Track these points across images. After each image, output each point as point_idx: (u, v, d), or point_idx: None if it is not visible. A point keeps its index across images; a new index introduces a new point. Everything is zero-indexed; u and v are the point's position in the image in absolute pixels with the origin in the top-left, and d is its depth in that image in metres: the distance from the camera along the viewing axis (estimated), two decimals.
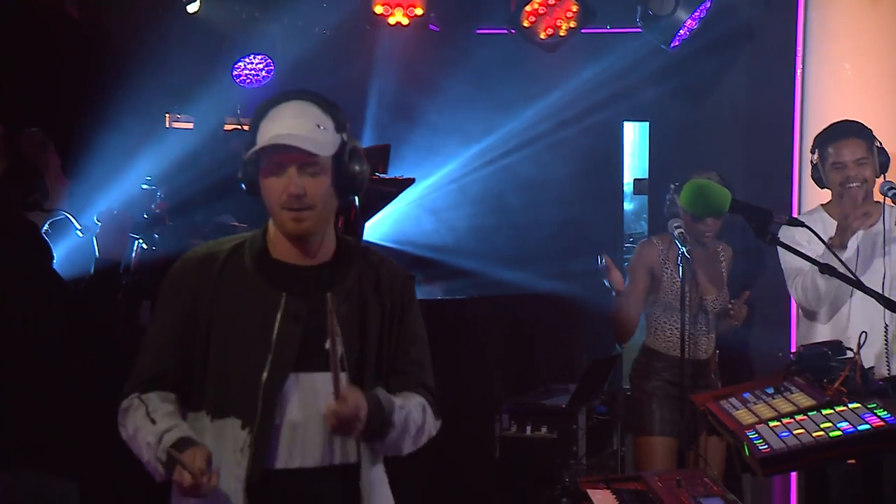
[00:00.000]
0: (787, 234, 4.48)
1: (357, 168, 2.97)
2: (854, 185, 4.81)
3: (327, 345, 2.78)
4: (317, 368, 2.90)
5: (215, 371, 2.92)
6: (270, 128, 2.89)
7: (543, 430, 6.26)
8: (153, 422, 2.84)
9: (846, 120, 5.00)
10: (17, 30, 5.30)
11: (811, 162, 5.06)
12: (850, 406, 3.17)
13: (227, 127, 6.13)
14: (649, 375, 5.34)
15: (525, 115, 7.56)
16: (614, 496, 3.60)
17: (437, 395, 3.16)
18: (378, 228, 7.09)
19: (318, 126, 2.90)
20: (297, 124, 2.87)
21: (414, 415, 3.01)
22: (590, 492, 3.66)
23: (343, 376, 2.79)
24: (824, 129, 5.03)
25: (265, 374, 2.86)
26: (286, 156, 2.85)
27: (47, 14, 5.19)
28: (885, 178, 4.84)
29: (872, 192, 4.84)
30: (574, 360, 6.56)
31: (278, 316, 2.90)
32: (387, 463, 3.29)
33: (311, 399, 2.90)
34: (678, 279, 5.16)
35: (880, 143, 4.92)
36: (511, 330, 7.00)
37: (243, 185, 2.99)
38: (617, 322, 5.41)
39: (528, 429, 6.33)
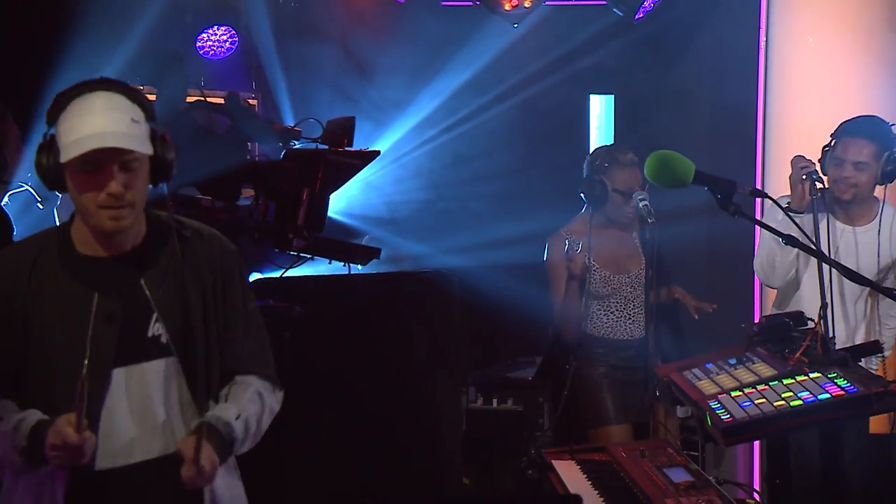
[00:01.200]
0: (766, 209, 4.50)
1: (170, 156, 2.90)
2: (843, 185, 4.82)
3: (158, 333, 2.84)
4: (141, 359, 2.85)
5: (38, 375, 2.84)
6: (81, 125, 2.73)
7: (509, 402, 6.27)
8: (1, 417, 2.78)
9: (873, 118, 4.94)
10: None
11: (823, 149, 5.01)
12: (811, 376, 3.20)
13: (190, 99, 6.08)
14: (594, 363, 5.35)
15: (491, 88, 7.56)
16: (579, 467, 3.62)
17: (271, 364, 3.09)
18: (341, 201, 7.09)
19: (132, 120, 2.78)
20: (112, 120, 2.75)
21: (252, 413, 2.96)
22: (555, 463, 3.68)
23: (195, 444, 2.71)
24: (850, 119, 4.95)
25: (84, 371, 2.73)
26: (105, 155, 2.72)
27: None
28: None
29: (866, 196, 4.85)
30: (539, 333, 6.54)
31: (91, 318, 2.82)
32: (351, 436, 3.30)
33: (139, 390, 2.86)
34: (600, 268, 5.19)
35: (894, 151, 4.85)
36: (476, 303, 7.00)
37: (39, 177, 2.84)
38: (564, 326, 5.41)
39: (495, 401, 6.34)
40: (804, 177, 4.77)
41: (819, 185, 4.73)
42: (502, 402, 6.32)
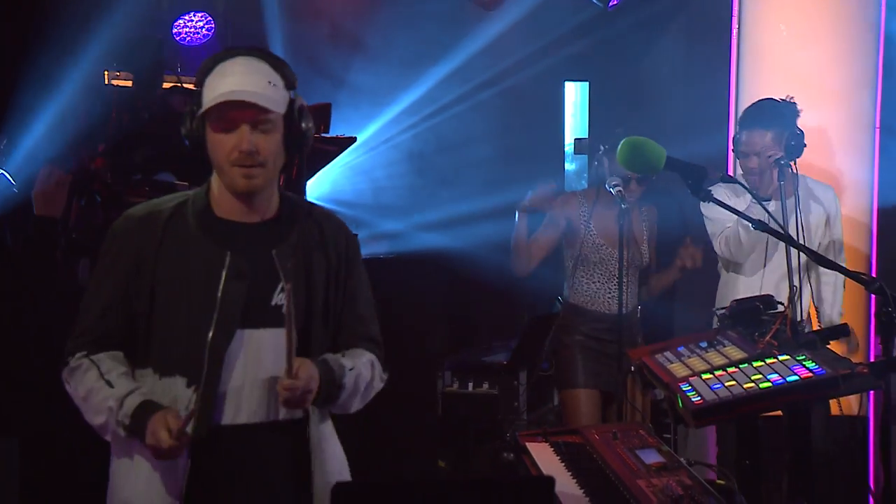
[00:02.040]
0: (719, 190, 4.53)
1: (305, 125, 2.96)
2: (753, 177, 4.89)
3: (281, 303, 2.85)
4: (262, 325, 2.91)
5: (161, 329, 2.90)
6: (221, 83, 2.83)
7: (485, 386, 6.30)
8: (109, 384, 2.83)
9: (764, 105, 5.04)
10: None
11: (734, 136, 5.10)
12: (780, 358, 3.22)
13: (166, 85, 6.07)
14: (571, 330, 5.41)
15: (468, 75, 7.55)
16: (552, 449, 3.60)
17: (383, 348, 3.18)
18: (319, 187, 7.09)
19: (270, 83, 2.86)
20: (249, 81, 2.83)
21: (364, 374, 3.04)
22: (529, 445, 3.67)
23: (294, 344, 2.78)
24: (746, 109, 5.10)
25: (211, 333, 2.83)
26: (239, 113, 2.81)
27: None
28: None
29: (784, 170, 4.88)
30: (514, 318, 6.59)
31: (223, 274, 2.86)
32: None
33: (256, 355, 2.91)
34: (596, 234, 5.21)
35: (799, 130, 4.94)
36: (453, 288, 7.02)
37: (187, 142, 2.92)
38: (517, 257, 5.46)
39: (470, 385, 6.37)
40: (772, 164, 4.83)
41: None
42: (478, 386, 6.34)
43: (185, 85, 5.97)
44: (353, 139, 6.01)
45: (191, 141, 2.92)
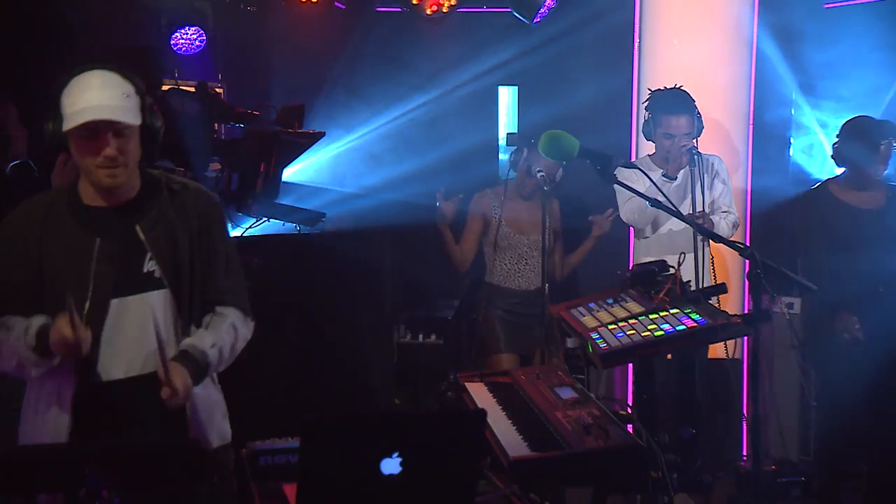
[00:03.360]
0: (623, 174, 4.56)
1: (158, 124, 2.90)
2: (679, 152, 4.91)
3: (151, 269, 2.85)
4: (136, 290, 2.86)
5: (49, 303, 2.82)
6: (81, 98, 2.74)
7: (433, 337, 6.32)
8: (10, 328, 2.80)
9: (678, 93, 5.04)
10: None
11: (644, 118, 5.12)
12: (671, 311, 3.24)
13: (165, 87, 6.02)
14: (491, 306, 5.40)
15: (418, 82, 7.54)
16: (487, 388, 3.61)
17: (245, 297, 3.08)
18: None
19: (125, 95, 2.77)
20: (107, 95, 2.74)
21: (226, 343, 2.96)
22: (468, 385, 3.67)
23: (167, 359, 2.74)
24: (661, 95, 5.07)
25: (87, 306, 2.78)
26: (101, 124, 2.72)
27: None
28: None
29: (694, 156, 4.92)
30: (457, 281, 6.59)
31: (93, 259, 2.81)
32: (300, 366, 3.26)
33: (129, 317, 2.86)
34: (505, 224, 5.23)
35: (699, 113, 4.99)
36: (406, 257, 7.01)
37: (49, 144, 2.83)
38: (453, 260, 5.46)
39: (421, 337, 6.38)
40: (685, 151, 4.86)
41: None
42: (427, 338, 6.36)
43: (181, 87, 5.93)
44: (322, 133, 5.98)
45: (52, 142, 2.82)
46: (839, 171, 5.13)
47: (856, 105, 6.20)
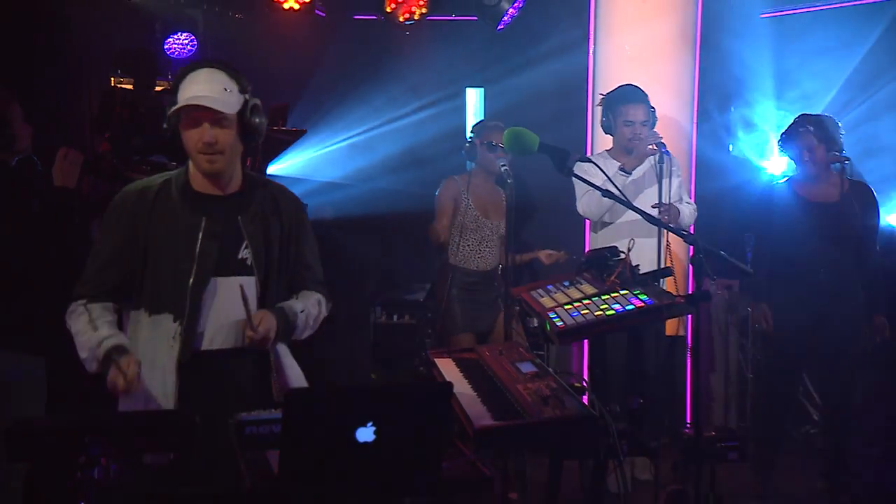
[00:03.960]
0: (580, 168, 4.55)
1: (257, 120, 2.96)
2: (640, 139, 4.90)
3: (245, 257, 2.90)
4: (232, 273, 2.93)
5: (151, 279, 2.89)
6: (188, 89, 2.85)
7: (406, 317, 6.30)
8: (95, 328, 2.83)
9: (634, 86, 5.04)
10: None
11: (602, 118, 5.11)
12: (621, 293, 3.28)
13: (159, 87, 5.99)
14: (451, 284, 5.36)
15: (392, 84, 7.52)
16: (454, 363, 3.61)
17: (328, 282, 3.21)
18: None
19: (226, 89, 2.87)
20: (209, 88, 2.84)
21: (312, 312, 3.08)
22: (437, 360, 3.67)
23: (253, 305, 2.88)
24: (617, 91, 5.06)
25: (191, 280, 2.85)
26: (201, 113, 2.82)
27: None
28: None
29: (662, 154, 4.90)
30: (430, 265, 6.58)
31: (200, 235, 2.88)
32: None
33: (227, 295, 2.92)
34: (473, 207, 5.21)
35: (653, 107, 5.00)
36: (383, 244, 7.02)
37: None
38: (434, 240, 5.44)
39: (395, 317, 6.36)
40: (654, 147, 4.85)
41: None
42: (401, 318, 6.34)
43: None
44: (304, 131, 5.96)
45: (170, 131, 2.92)
46: (784, 165, 5.18)
47: (797, 108, 6.24)
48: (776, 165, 6.61)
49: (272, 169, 6.91)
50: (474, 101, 8.01)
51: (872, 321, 5.00)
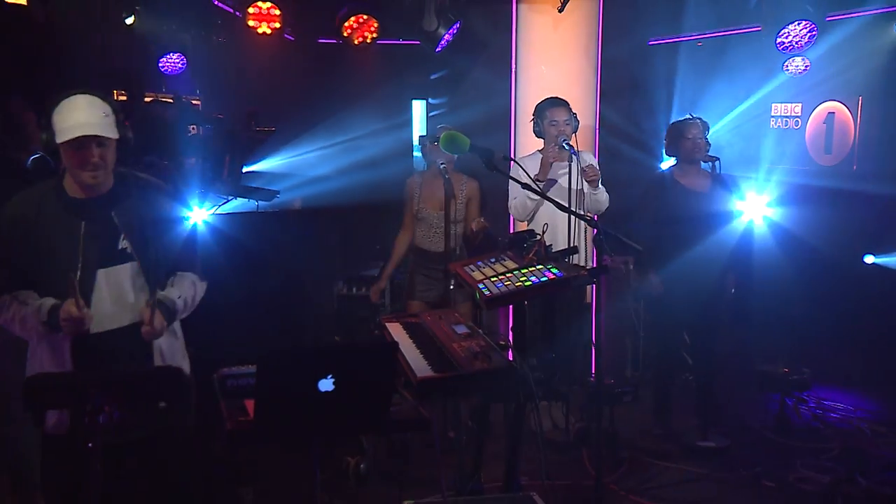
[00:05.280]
0: (514, 170, 4.53)
1: (130, 135, 2.84)
2: (563, 137, 4.87)
3: (124, 246, 2.80)
4: (114, 262, 2.81)
5: (44, 277, 2.77)
6: (71, 117, 2.69)
7: (364, 290, 6.27)
8: (25, 303, 2.74)
9: (557, 96, 5.00)
10: (2, 34, 4.87)
11: (532, 122, 5.05)
12: (537, 267, 3.27)
13: (147, 98, 5.87)
14: (414, 263, 5.35)
15: (350, 97, 7.48)
16: (401, 326, 3.60)
17: (199, 265, 3.05)
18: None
19: (105, 115, 2.73)
20: (90, 114, 2.69)
21: (188, 293, 2.94)
22: (387, 324, 3.64)
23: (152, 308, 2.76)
24: (543, 100, 5.00)
25: (77, 276, 2.72)
26: (87, 138, 2.69)
27: (19, 20, 4.76)
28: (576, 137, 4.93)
29: (572, 154, 4.81)
30: (384, 248, 6.56)
31: (80, 235, 2.76)
32: (261, 309, 3.23)
33: (112, 282, 2.81)
34: (423, 201, 5.21)
35: (574, 113, 4.98)
36: (345, 229, 6.97)
37: (45, 151, 2.79)
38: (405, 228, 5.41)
39: (354, 289, 6.33)
40: (564, 147, 4.77)
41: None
42: (359, 290, 6.31)
43: (161, 99, 5.80)
44: (273, 130, 5.87)
45: (49, 153, 2.78)
46: (671, 162, 5.25)
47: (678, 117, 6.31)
48: (664, 163, 6.71)
49: (261, 166, 6.88)
50: (418, 111, 8.01)
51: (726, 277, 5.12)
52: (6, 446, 3.86)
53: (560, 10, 5.80)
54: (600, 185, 4.92)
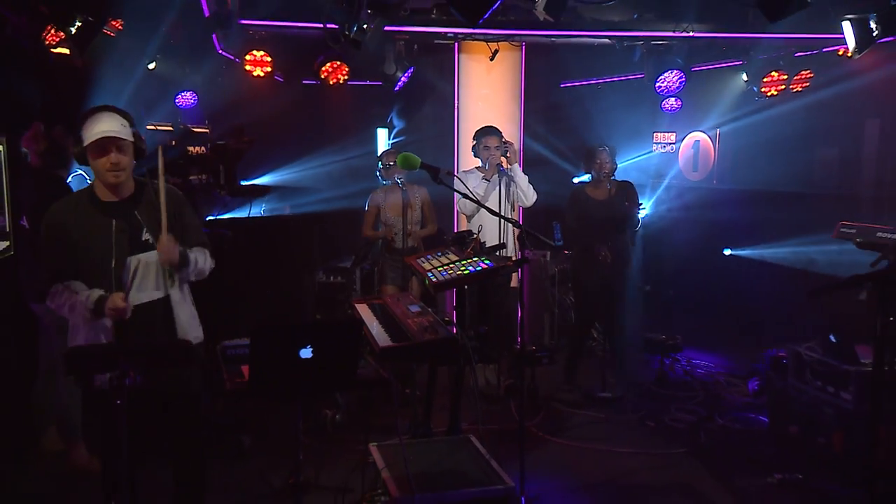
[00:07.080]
0: (454, 180, 4.50)
1: (143, 146, 2.77)
2: (493, 157, 4.82)
3: (147, 238, 2.74)
4: (140, 251, 2.74)
5: (84, 268, 2.70)
6: (95, 126, 2.64)
7: (339, 278, 6.21)
8: (76, 291, 2.66)
9: (491, 125, 4.95)
10: (48, 76, 4.70)
11: (472, 145, 4.98)
12: (474, 259, 3.30)
13: (149, 127, 5.77)
14: (385, 257, 5.29)
15: (328, 124, 7.41)
16: (367, 306, 3.59)
17: (209, 247, 2.97)
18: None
19: (122, 125, 2.68)
20: (111, 124, 2.66)
21: (199, 258, 2.86)
22: (357, 305, 3.63)
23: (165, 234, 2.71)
24: (480, 128, 4.93)
25: (113, 263, 2.68)
26: (108, 142, 2.64)
27: (63, 65, 4.58)
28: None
29: (503, 171, 4.74)
30: (354, 244, 6.50)
31: (112, 231, 2.71)
32: (254, 294, 3.14)
33: (141, 267, 2.75)
34: (387, 209, 5.14)
35: (506, 140, 4.84)
36: (325, 229, 6.88)
37: (75, 158, 2.71)
38: (365, 233, 5.34)
39: (331, 278, 6.26)
40: (504, 162, 4.71)
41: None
42: (336, 278, 6.24)
43: (165, 127, 5.72)
44: (253, 140, 5.68)
45: (78, 159, 2.72)
46: (586, 178, 5.29)
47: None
48: (579, 178, 6.78)
49: (258, 182, 6.82)
50: (382, 137, 7.97)
51: (627, 266, 5.14)
52: (55, 403, 3.84)
53: (491, 59, 5.89)
54: (529, 184, 4.90)
